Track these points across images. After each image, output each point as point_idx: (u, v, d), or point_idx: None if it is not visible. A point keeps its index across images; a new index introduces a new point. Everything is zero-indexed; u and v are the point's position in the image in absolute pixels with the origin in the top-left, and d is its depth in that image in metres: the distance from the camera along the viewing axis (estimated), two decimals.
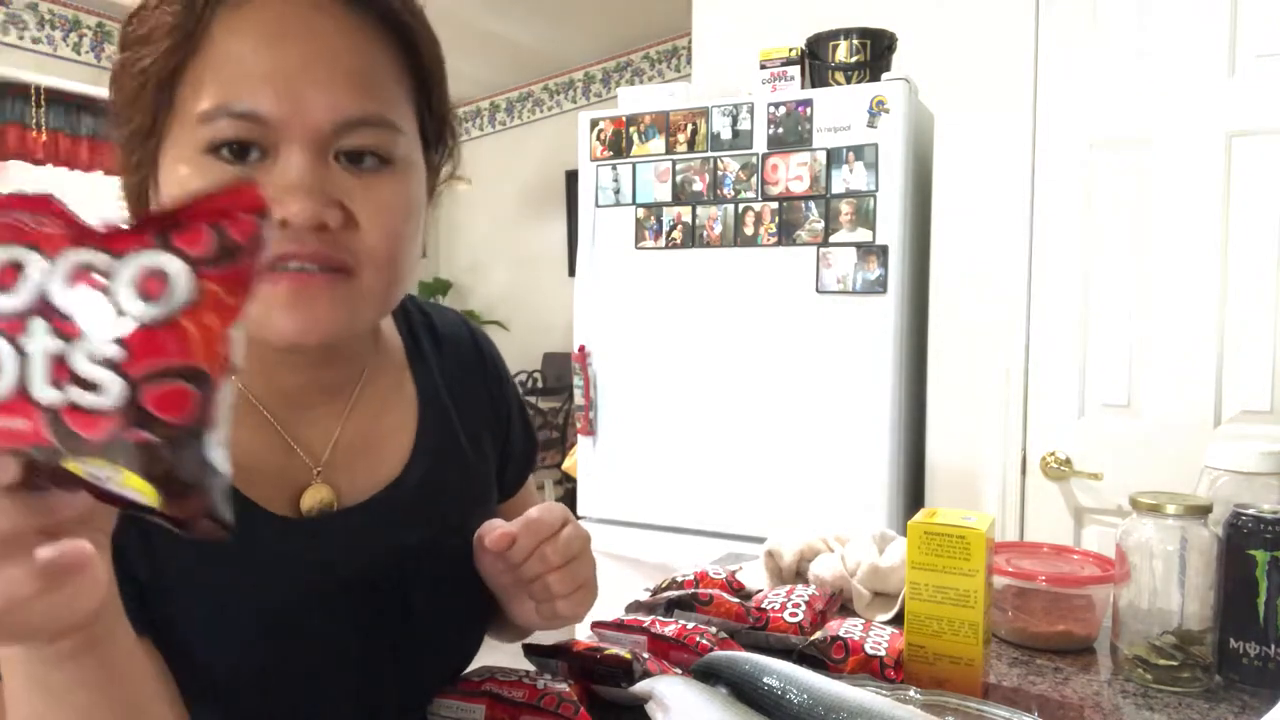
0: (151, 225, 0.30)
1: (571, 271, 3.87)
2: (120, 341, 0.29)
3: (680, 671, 0.75)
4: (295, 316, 0.56)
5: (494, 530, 0.66)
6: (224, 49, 0.55)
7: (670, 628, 0.82)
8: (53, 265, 0.29)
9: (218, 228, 0.31)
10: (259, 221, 0.31)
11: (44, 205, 0.31)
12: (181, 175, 0.55)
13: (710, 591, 0.92)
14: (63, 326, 0.29)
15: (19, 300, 0.29)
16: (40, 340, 0.29)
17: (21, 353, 0.29)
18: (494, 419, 0.80)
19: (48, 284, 0.29)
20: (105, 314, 0.29)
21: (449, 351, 0.78)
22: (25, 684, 0.42)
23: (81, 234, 0.30)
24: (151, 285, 0.29)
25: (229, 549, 0.59)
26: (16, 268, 0.29)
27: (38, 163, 4.29)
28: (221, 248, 0.30)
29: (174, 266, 0.30)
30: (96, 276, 0.29)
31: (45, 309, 0.29)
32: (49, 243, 0.30)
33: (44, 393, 0.29)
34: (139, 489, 0.30)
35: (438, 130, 0.66)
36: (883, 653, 0.79)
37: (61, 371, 0.29)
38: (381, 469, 0.68)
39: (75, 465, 0.30)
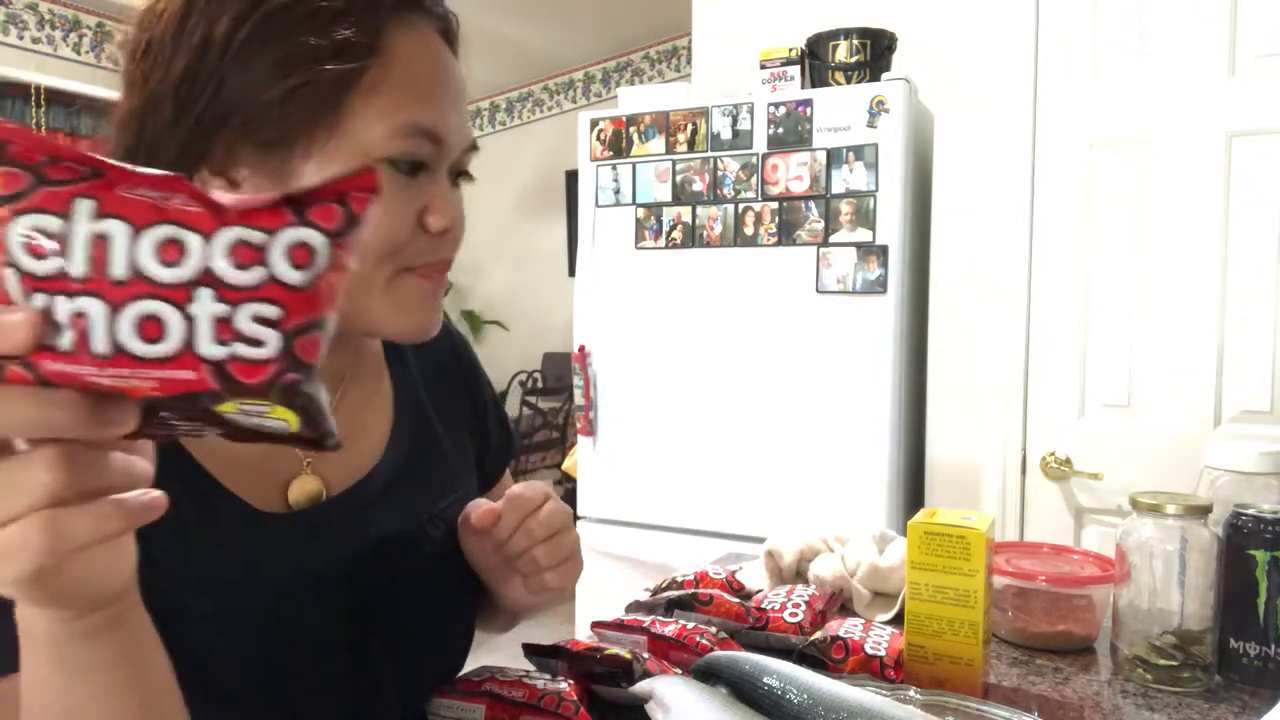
0: (285, 203, 0.36)
1: (571, 271, 3.87)
2: (277, 303, 0.35)
3: (680, 671, 0.75)
4: (432, 311, 0.64)
5: (478, 508, 0.69)
6: (405, 67, 0.58)
7: (670, 628, 0.82)
8: (211, 241, 0.35)
9: (343, 204, 0.36)
10: (371, 198, 0.37)
11: (176, 185, 0.35)
12: None
13: (710, 591, 0.92)
14: (227, 293, 0.35)
15: (184, 272, 0.34)
16: (207, 305, 0.34)
17: (188, 317, 0.34)
18: (471, 410, 0.83)
19: (210, 258, 0.35)
20: (264, 281, 0.35)
21: (424, 346, 0.79)
22: (50, 664, 0.42)
23: (219, 210, 0.35)
24: (301, 256, 0.35)
25: (222, 544, 0.60)
26: (177, 245, 0.34)
27: None
28: (346, 220, 0.37)
29: (318, 240, 0.36)
30: (254, 250, 0.35)
31: (210, 279, 0.34)
32: (199, 221, 0.35)
33: (210, 349, 0.34)
34: (285, 418, 0.37)
35: None
36: (883, 653, 0.79)
37: (225, 331, 0.34)
38: (361, 459, 0.70)
39: (229, 405, 0.36)
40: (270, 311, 0.35)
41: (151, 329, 0.34)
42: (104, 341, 0.34)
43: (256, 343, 0.35)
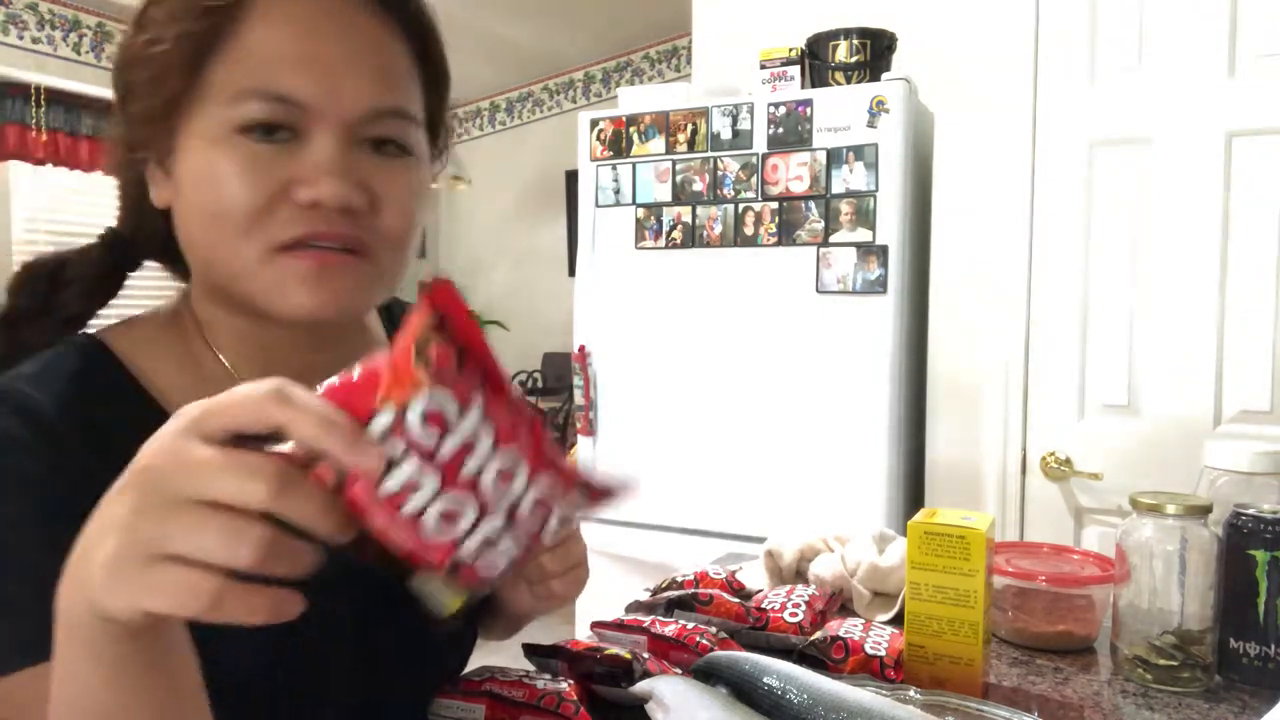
0: (579, 485, 0.43)
1: (571, 271, 3.87)
2: (529, 547, 0.42)
3: (680, 671, 0.75)
4: (317, 293, 0.58)
5: None
6: (262, 33, 0.57)
7: (670, 628, 0.82)
8: (531, 486, 0.40)
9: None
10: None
11: (533, 423, 0.41)
12: (210, 155, 0.56)
13: (710, 591, 0.92)
14: (513, 528, 0.40)
15: (501, 501, 0.39)
16: (492, 523, 0.39)
17: (476, 525, 0.39)
18: None
19: (523, 501, 0.40)
20: (537, 536, 0.42)
21: None
22: (86, 660, 0.42)
23: (547, 463, 0.41)
24: (566, 524, 0.44)
25: None
26: (512, 477, 0.40)
27: (38, 163, 4.28)
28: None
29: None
30: (547, 508, 0.42)
31: (513, 513, 0.40)
32: (535, 461, 0.40)
33: (469, 550, 0.39)
34: (449, 604, 0.41)
35: (436, 132, 0.69)
36: (883, 653, 0.79)
37: (489, 548, 0.40)
38: None
39: (420, 581, 0.40)
40: (517, 552, 0.41)
41: (449, 519, 0.38)
42: (412, 510, 0.37)
43: (494, 563, 0.41)
